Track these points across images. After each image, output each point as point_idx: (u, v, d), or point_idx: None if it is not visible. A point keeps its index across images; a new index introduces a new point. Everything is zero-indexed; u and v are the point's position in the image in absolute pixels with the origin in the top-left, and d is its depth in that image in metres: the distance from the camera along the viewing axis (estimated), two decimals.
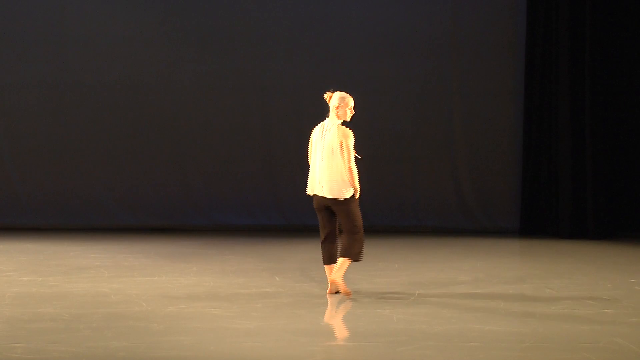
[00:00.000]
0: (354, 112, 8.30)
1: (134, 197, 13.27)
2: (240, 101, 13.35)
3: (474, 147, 13.47)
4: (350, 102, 8.29)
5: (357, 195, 8.11)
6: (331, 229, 8.24)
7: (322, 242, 8.26)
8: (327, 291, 8.14)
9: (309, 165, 8.45)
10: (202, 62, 13.28)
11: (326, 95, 8.32)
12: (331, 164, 8.13)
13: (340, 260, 8.08)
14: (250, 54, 13.31)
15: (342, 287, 8.04)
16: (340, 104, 8.25)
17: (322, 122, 8.35)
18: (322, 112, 13.42)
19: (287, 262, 10.13)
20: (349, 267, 8.13)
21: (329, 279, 8.18)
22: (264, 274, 9.17)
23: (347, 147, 8.12)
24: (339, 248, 8.17)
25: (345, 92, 13.23)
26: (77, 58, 13.19)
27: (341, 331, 6.55)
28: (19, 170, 13.19)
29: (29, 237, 12.08)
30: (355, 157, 8.12)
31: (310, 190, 8.33)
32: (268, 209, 13.38)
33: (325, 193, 8.13)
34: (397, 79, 13.38)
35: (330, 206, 8.14)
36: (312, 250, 11.24)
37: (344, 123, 8.28)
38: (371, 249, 11.51)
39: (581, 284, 8.90)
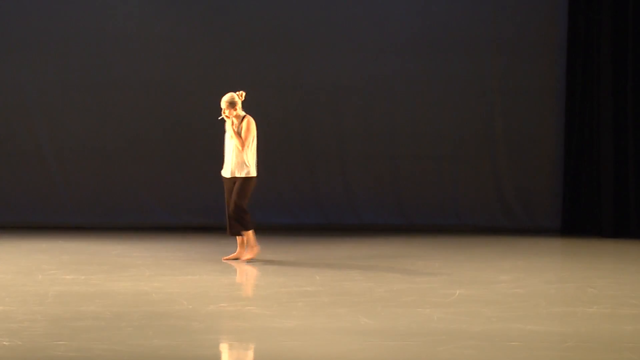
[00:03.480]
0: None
1: (175, 196, 13.34)
2: (281, 99, 13.37)
3: (514, 145, 13.39)
4: None
5: None
6: None
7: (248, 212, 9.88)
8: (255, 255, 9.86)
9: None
10: (243, 61, 13.31)
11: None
12: None
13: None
14: (292, 53, 13.32)
15: None
16: None
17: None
18: (363, 110, 13.50)
19: (327, 261, 10.14)
20: None
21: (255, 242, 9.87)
22: (304, 273, 9.18)
23: None
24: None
25: (386, 90, 13.35)
26: (119, 58, 13.28)
27: (381, 330, 6.54)
28: (62, 170, 13.30)
29: (71, 236, 12.18)
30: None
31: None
32: (308, 208, 13.40)
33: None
34: (438, 78, 13.34)
35: None
36: (353, 249, 11.25)
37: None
38: (411, 248, 11.49)
39: (624, 283, 8.83)
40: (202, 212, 13.30)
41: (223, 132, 10.37)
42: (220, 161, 13.63)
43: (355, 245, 11.58)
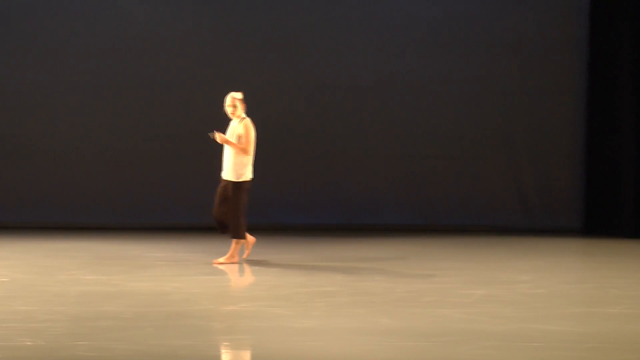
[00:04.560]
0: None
1: (194, 196, 13.37)
2: (300, 99, 13.37)
3: (535, 145, 13.35)
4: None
5: None
6: None
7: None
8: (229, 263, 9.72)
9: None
10: (261, 61, 13.32)
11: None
12: None
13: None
14: (310, 52, 13.32)
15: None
16: None
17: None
18: (382, 110, 13.50)
19: (346, 261, 10.14)
20: None
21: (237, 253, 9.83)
22: (323, 273, 9.19)
23: None
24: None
25: (407, 90, 13.32)
26: (135, 58, 13.31)
27: (401, 330, 6.54)
28: (82, 171, 13.35)
29: (92, 236, 12.23)
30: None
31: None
32: (327, 208, 13.40)
33: None
34: (457, 77, 13.31)
35: None
36: (372, 249, 11.25)
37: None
38: (431, 248, 11.48)
39: None
40: None
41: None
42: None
43: (375, 246, 11.58)
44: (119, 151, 13.38)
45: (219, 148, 13.57)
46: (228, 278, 8.93)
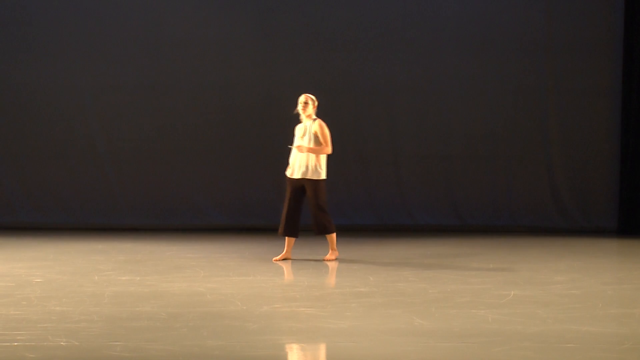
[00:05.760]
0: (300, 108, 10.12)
1: (228, 197, 13.42)
2: (333, 101, 13.38)
3: (570, 145, 13.28)
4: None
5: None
6: None
7: None
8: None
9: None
10: (295, 63, 13.36)
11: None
12: None
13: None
14: (343, 54, 13.33)
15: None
16: None
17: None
18: (416, 110, 13.47)
19: (380, 261, 10.12)
20: None
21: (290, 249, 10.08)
22: (357, 274, 9.18)
23: None
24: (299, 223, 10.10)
25: (441, 90, 13.30)
26: (173, 60, 13.40)
27: (436, 331, 6.51)
28: (116, 172, 13.45)
29: (126, 237, 12.30)
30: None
31: None
32: (361, 209, 13.39)
33: None
34: (492, 78, 13.27)
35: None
36: (406, 249, 11.23)
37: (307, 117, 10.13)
38: (465, 248, 11.44)
39: None
40: (256, 213, 13.36)
41: (276, 134, 10.42)
42: (275, 163, 13.75)
43: (409, 246, 11.56)
44: (152, 153, 13.46)
45: (254, 150, 13.61)
46: (262, 279, 8.94)
